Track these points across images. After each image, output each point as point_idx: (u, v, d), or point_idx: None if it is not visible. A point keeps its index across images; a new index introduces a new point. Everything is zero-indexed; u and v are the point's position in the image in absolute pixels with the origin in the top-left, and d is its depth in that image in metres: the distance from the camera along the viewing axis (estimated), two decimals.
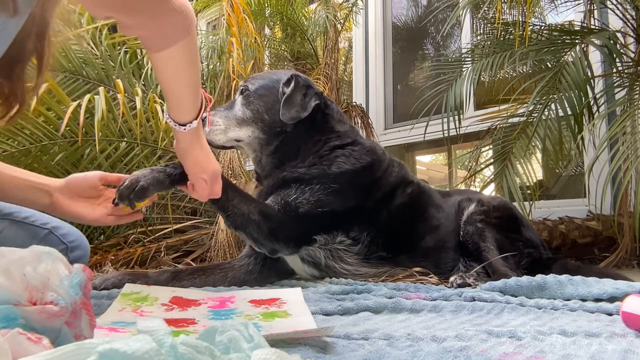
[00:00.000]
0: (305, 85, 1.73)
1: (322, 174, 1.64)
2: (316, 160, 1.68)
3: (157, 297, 1.14)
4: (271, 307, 1.09)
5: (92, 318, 0.61)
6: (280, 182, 1.66)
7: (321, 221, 1.61)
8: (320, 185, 1.62)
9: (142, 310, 1.05)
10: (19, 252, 0.56)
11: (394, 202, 1.74)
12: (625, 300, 0.89)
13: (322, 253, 1.65)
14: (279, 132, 1.71)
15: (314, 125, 1.72)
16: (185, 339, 0.41)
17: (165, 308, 1.08)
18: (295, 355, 0.46)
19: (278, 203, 1.59)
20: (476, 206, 1.77)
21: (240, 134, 1.71)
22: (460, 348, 0.74)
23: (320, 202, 1.60)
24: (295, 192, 1.60)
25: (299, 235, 1.61)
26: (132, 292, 1.16)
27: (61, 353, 0.39)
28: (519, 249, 1.71)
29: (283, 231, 1.56)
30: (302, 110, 1.68)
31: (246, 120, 1.70)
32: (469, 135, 3.16)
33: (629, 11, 2.56)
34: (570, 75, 2.31)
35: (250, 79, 1.79)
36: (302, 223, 1.58)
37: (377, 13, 4.63)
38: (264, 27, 4.24)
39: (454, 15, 2.77)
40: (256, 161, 1.78)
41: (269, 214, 1.55)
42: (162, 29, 0.88)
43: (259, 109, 1.70)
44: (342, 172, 1.66)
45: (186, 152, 1.18)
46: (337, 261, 1.65)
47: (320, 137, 1.72)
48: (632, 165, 1.91)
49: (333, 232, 1.64)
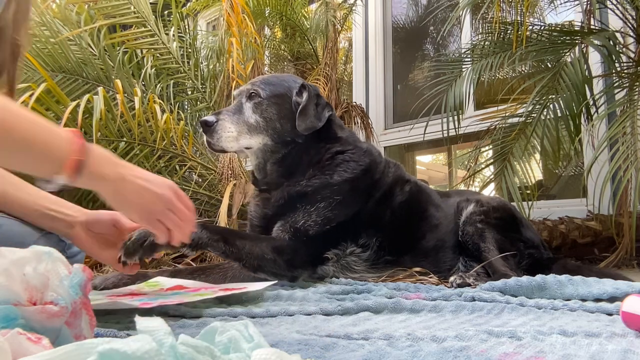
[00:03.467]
0: (316, 95, 1.74)
1: (324, 185, 1.66)
2: (317, 171, 1.69)
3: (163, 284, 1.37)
4: (231, 290, 1.22)
5: (92, 318, 0.61)
6: (286, 198, 1.67)
7: (331, 237, 1.64)
8: (324, 202, 1.64)
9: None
10: (19, 252, 0.56)
11: (394, 201, 1.75)
12: (625, 300, 0.89)
13: (332, 269, 1.68)
14: (289, 142, 1.71)
15: (319, 133, 1.73)
16: (185, 339, 0.41)
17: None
18: (295, 356, 0.46)
19: (288, 232, 1.61)
20: (475, 206, 1.78)
21: (251, 142, 1.69)
22: (460, 348, 0.74)
23: (327, 219, 1.63)
24: (302, 217, 1.62)
25: (314, 258, 1.64)
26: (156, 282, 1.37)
27: (61, 353, 0.39)
28: (519, 249, 1.71)
29: (298, 259, 1.59)
30: (317, 121, 1.69)
31: (258, 128, 1.68)
32: (469, 135, 3.16)
33: (629, 11, 2.56)
34: (569, 76, 2.31)
35: (258, 84, 1.74)
36: (313, 245, 1.61)
37: (377, 13, 4.63)
38: (263, 27, 4.24)
39: (454, 15, 2.76)
40: (259, 167, 1.77)
41: (281, 247, 1.57)
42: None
43: (272, 117, 1.69)
44: (343, 181, 1.68)
45: (114, 200, 0.91)
46: (344, 272, 1.68)
47: (325, 144, 1.74)
48: (631, 165, 1.91)
49: (343, 245, 1.67)
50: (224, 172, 2.64)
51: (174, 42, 3.31)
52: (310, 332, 0.88)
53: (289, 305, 1.17)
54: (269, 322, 1.01)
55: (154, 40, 3.19)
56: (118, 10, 3.05)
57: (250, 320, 0.93)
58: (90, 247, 1.19)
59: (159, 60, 3.27)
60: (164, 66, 3.29)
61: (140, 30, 3.13)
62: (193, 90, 3.42)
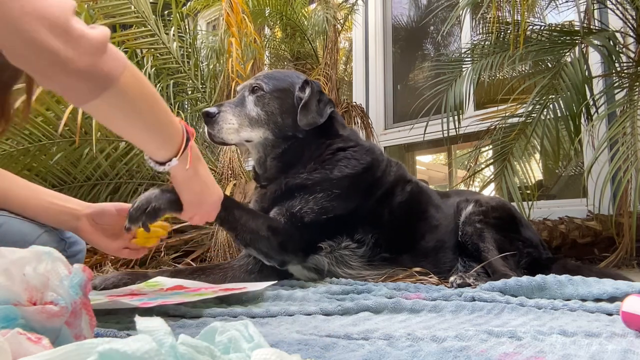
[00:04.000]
0: (318, 91, 1.75)
1: (324, 179, 1.66)
2: (318, 165, 1.68)
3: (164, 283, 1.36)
4: (231, 290, 1.23)
5: (92, 318, 0.61)
6: (284, 189, 1.66)
7: (326, 227, 1.63)
8: (323, 193, 1.63)
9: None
10: (19, 252, 0.56)
11: (394, 200, 1.75)
12: (625, 300, 0.89)
13: (326, 260, 1.67)
14: (290, 137, 1.71)
15: (321, 129, 1.73)
16: (185, 339, 0.41)
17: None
18: (295, 355, 0.46)
19: (284, 215, 1.60)
20: (474, 206, 1.78)
21: (252, 135, 1.69)
22: (460, 348, 0.74)
23: (324, 210, 1.62)
24: (299, 203, 1.61)
25: (307, 245, 1.63)
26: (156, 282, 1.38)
27: (61, 353, 0.39)
28: (518, 249, 1.71)
29: (291, 243, 1.58)
30: (318, 117, 1.69)
31: (259, 121, 1.68)
32: (469, 135, 3.16)
33: (629, 11, 2.56)
34: (569, 76, 2.31)
35: (262, 78, 1.75)
36: (308, 232, 1.60)
37: (377, 13, 4.63)
38: (263, 27, 4.24)
39: (453, 15, 2.76)
40: (259, 162, 1.77)
41: (276, 228, 1.56)
42: (65, 89, 0.78)
43: (274, 110, 1.69)
44: (344, 176, 1.67)
45: (182, 185, 1.10)
46: (340, 266, 1.67)
47: (325, 140, 1.74)
48: (631, 166, 1.91)
49: (338, 237, 1.66)
50: (224, 172, 2.64)
51: (174, 42, 3.31)
52: (310, 332, 0.88)
53: (289, 305, 1.17)
54: (269, 322, 1.01)
55: (154, 40, 3.19)
56: (118, 10, 3.05)
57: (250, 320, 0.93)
58: (97, 239, 1.21)
59: (159, 60, 3.26)
60: (164, 66, 3.29)
61: (140, 30, 3.12)
62: (193, 90, 3.42)
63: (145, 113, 0.88)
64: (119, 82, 0.79)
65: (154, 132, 0.94)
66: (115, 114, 0.85)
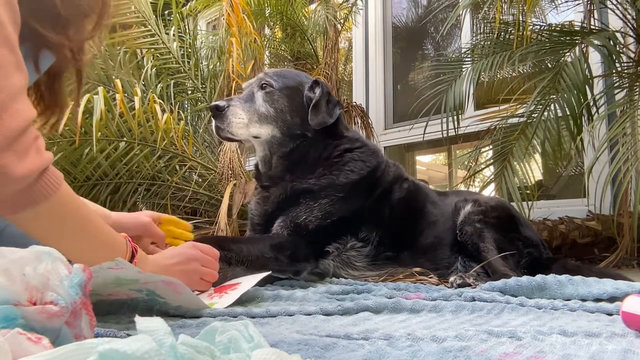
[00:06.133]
0: (327, 92, 1.76)
1: (330, 184, 1.67)
2: (326, 171, 1.69)
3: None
4: (226, 289, 1.23)
5: (92, 318, 0.60)
6: (289, 193, 1.67)
7: (332, 230, 1.64)
8: (327, 199, 1.64)
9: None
10: (19, 252, 0.56)
11: (393, 197, 1.77)
12: (625, 300, 0.89)
13: (332, 264, 1.68)
14: (298, 135, 1.71)
15: (327, 130, 1.74)
16: (185, 339, 0.41)
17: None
18: (295, 355, 0.46)
19: (287, 227, 1.61)
20: (473, 206, 1.78)
21: (261, 131, 1.69)
22: (460, 348, 0.74)
23: (328, 214, 1.64)
24: (304, 212, 1.62)
25: (315, 251, 1.64)
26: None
27: (61, 353, 0.39)
28: (518, 249, 1.71)
29: (300, 252, 1.59)
30: (328, 117, 1.70)
31: (268, 118, 1.68)
32: (469, 135, 3.16)
33: (629, 11, 2.56)
34: (569, 76, 2.31)
35: (271, 75, 1.75)
36: (314, 238, 1.61)
37: (377, 13, 4.62)
38: (264, 27, 4.23)
39: (453, 15, 2.76)
40: (264, 160, 1.77)
41: (280, 244, 1.57)
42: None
43: (283, 108, 1.70)
44: (349, 182, 1.69)
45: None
46: (345, 268, 1.68)
47: (332, 141, 1.75)
48: (632, 166, 1.91)
49: (343, 238, 1.67)
50: (224, 172, 2.64)
51: (174, 42, 3.32)
52: (310, 332, 0.88)
53: (289, 305, 1.17)
54: (269, 322, 1.01)
55: (154, 40, 3.20)
56: (118, 10, 3.05)
57: (250, 320, 0.93)
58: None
59: (159, 60, 3.27)
60: (164, 66, 3.29)
61: (140, 30, 3.13)
62: (193, 90, 3.43)
63: (77, 231, 0.91)
64: (43, 203, 0.82)
65: (91, 249, 0.95)
66: (43, 226, 0.87)
